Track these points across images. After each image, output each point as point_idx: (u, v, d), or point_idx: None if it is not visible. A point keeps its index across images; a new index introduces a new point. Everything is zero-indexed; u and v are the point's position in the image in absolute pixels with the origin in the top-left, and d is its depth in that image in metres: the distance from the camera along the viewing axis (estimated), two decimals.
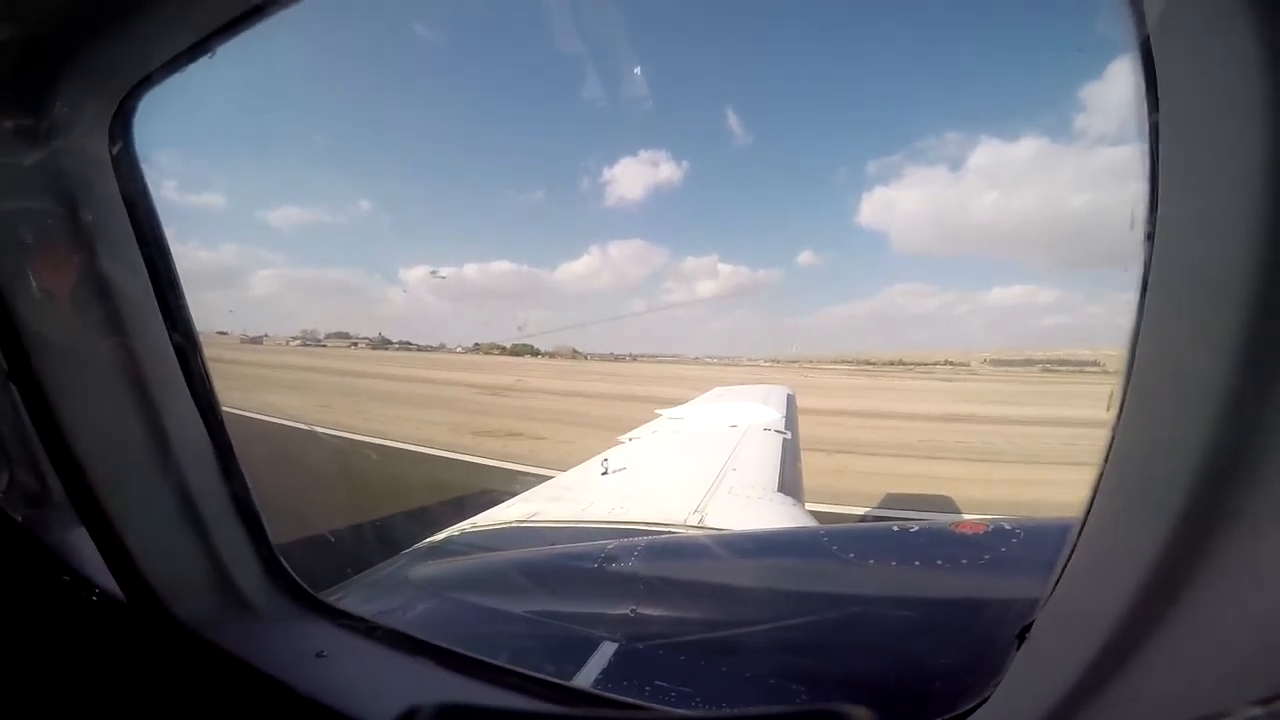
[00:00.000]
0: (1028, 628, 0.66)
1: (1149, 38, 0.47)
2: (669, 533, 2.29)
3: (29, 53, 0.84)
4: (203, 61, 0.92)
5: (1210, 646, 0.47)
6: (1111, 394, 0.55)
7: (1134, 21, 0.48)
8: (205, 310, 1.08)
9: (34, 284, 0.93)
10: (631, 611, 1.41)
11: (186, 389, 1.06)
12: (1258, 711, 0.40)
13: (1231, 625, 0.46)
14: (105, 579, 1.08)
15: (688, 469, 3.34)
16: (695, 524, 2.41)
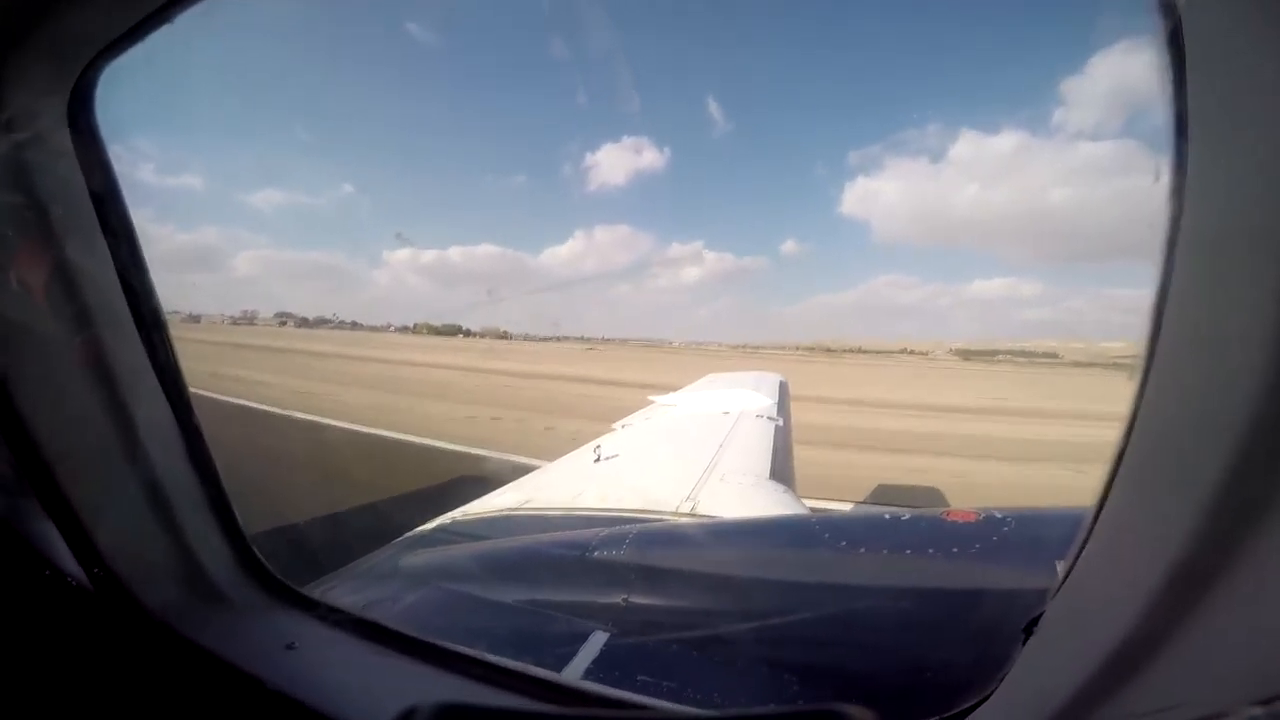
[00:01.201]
0: (1035, 621, 0.63)
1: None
2: (661, 520, 2.28)
3: None
4: (164, 31, 0.87)
5: (1238, 643, 0.43)
6: (1132, 368, 0.51)
7: None
8: (168, 291, 1.05)
9: None
10: (623, 601, 1.39)
11: (154, 375, 1.03)
12: (1258, 711, 0.38)
13: (1262, 622, 0.43)
14: (71, 567, 1.05)
15: (680, 456, 3.33)
16: (687, 511, 2.40)
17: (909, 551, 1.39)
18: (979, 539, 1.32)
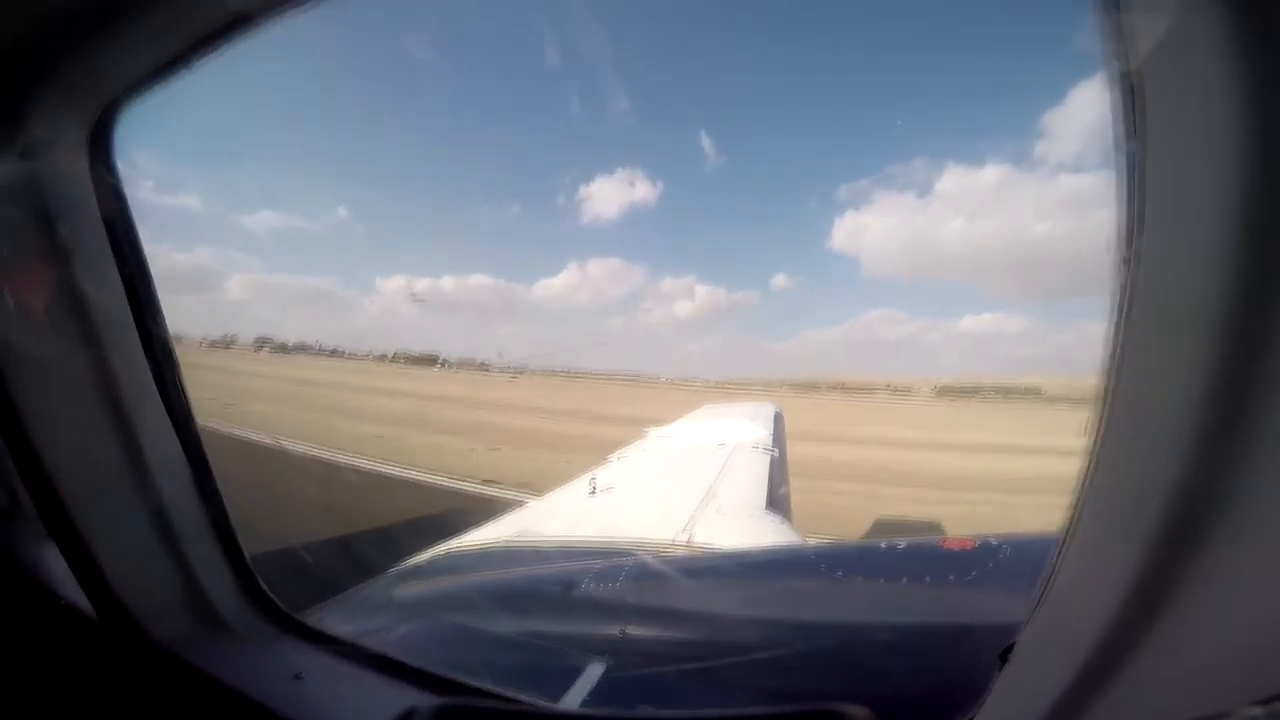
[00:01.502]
0: (1010, 647, 0.66)
1: (1128, 61, 0.48)
2: (657, 552, 2.27)
3: (3, 66, 0.83)
4: (183, 75, 0.92)
5: (1190, 664, 0.47)
6: (1088, 416, 0.56)
7: (1118, 43, 0.48)
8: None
9: (6, 296, 0.92)
10: (620, 632, 1.39)
11: (161, 403, 1.05)
12: (1257, 711, 0.40)
13: (1212, 642, 0.46)
14: (76, 595, 1.05)
15: (676, 487, 3.32)
16: (684, 542, 2.39)
17: (905, 580, 1.40)
18: (974, 567, 1.34)
